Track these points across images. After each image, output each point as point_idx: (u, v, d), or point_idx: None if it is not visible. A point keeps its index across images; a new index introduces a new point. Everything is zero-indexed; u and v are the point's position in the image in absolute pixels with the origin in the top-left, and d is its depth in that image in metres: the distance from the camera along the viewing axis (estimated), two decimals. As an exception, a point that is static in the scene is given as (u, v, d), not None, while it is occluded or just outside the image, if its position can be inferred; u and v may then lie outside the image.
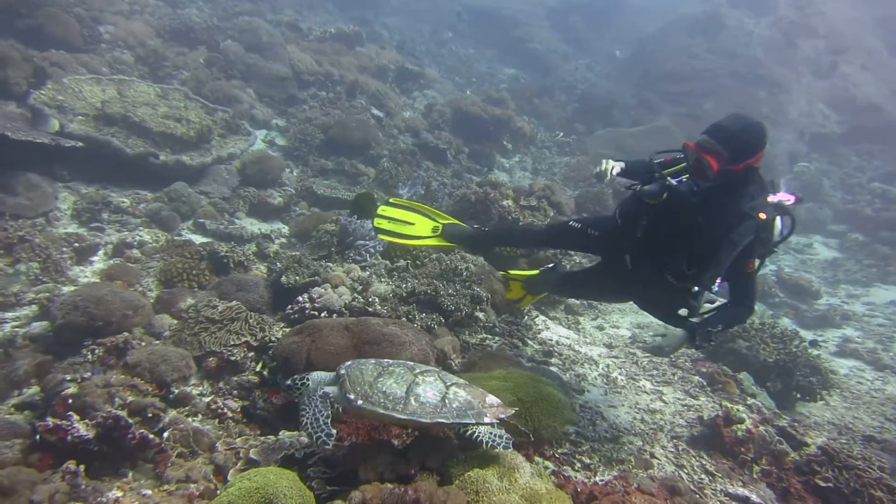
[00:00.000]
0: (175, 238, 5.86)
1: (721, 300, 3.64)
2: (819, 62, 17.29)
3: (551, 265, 5.19)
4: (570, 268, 6.38)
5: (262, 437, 3.38)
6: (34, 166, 5.76)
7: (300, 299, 4.55)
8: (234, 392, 3.80)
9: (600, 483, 3.50)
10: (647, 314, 4.48)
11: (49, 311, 4.07)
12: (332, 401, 2.86)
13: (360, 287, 4.84)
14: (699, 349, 3.51)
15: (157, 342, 4.09)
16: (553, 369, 5.03)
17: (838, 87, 16.61)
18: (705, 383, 5.42)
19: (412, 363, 3.09)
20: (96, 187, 6.29)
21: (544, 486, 2.84)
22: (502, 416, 2.89)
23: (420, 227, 5.23)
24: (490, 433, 2.83)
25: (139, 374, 3.59)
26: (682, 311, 3.66)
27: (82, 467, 2.77)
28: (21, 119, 6.19)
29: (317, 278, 4.80)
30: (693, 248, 3.49)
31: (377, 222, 5.25)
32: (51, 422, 2.92)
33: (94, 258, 5.27)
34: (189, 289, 4.89)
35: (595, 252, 4.63)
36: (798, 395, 5.74)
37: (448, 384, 2.89)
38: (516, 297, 5.44)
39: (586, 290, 5.12)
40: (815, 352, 6.28)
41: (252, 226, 6.76)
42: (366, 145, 9.12)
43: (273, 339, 4.15)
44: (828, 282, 10.64)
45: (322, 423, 2.76)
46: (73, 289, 4.50)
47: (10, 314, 4.29)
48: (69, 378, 3.49)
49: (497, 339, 5.18)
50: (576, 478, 3.60)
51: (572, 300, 6.72)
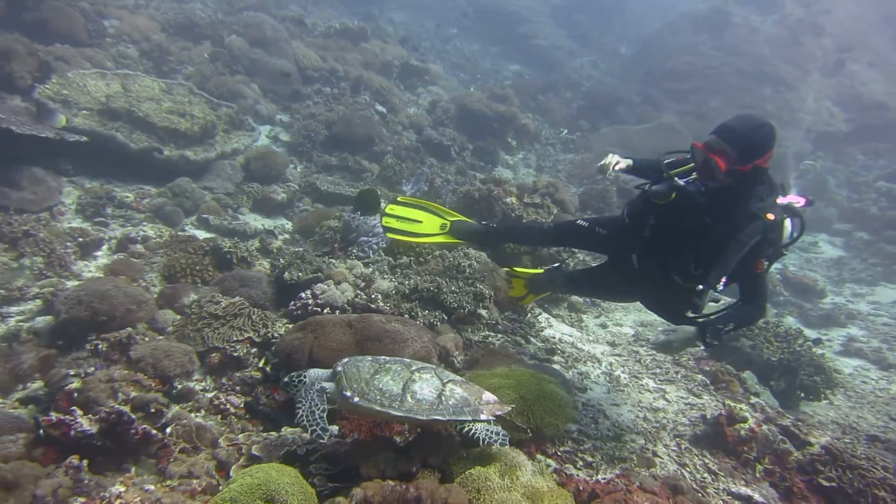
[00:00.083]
0: (179, 233, 5.87)
1: (725, 299, 3.62)
2: (825, 60, 17.17)
3: (556, 265, 5.17)
4: (574, 266, 6.36)
5: (265, 434, 3.38)
6: (39, 160, 5.76)
7: (303, 295, 4.55)
8: (237, 388, 3.81)
9: (602, 481, 3.49)
10: (652, 313, 4.47)
11: (53, 305, 4.08)
12: (330, 397, 2.86)
13: (363, 284, 4.83)
14: (708, 347, 3.48)
15: (161, 337, 4.09)
16: (556, 367, 5.02)
17: (845, 84, 16.49)
18: (708, 382, 5.40)
19: (409, 360, 3.08)
20: (100, 182, 6.31)
21: (546, 483, 2.84)
22: (499, 412, 2.89)
23: (428, 225, 5.22)
24: (487, 430, 2.82)
25: (142, 369, 3.60)
26: (689, 314, 3.64)
27: (85, 462, 2.78)
28: (26, 113, 6.20)
29: (320, 275, 4.80)
30: (700, 249, 3.47)
31: (385, 221, 5.24)
32: (54, 416, 2.93)
33: (98, 253, 5.29)
34: (192, 284, 4.90)
35: (601, 251, 4.61)
36: (802, 395, 5.72)
37: (445, 381, 2.89)
38: (519, 295, 5.43)
39: (591, 289, 5.10)
40: (820, 351, 6.26)
41: (255, 221, 6.77)
42: (370, 141, 9.12)
43: (276, 335, 4.15)
44: (833, 281, 10.59)
45: (318, 416, 2.76)
46: (77, 283, 4.51)
47: (14, 308, 4.30)
48: (73, 373, 3.50)
49: (500, 336, 5.17)
50: (578, 476, 3.59)
51: (575, 298, 6.71)
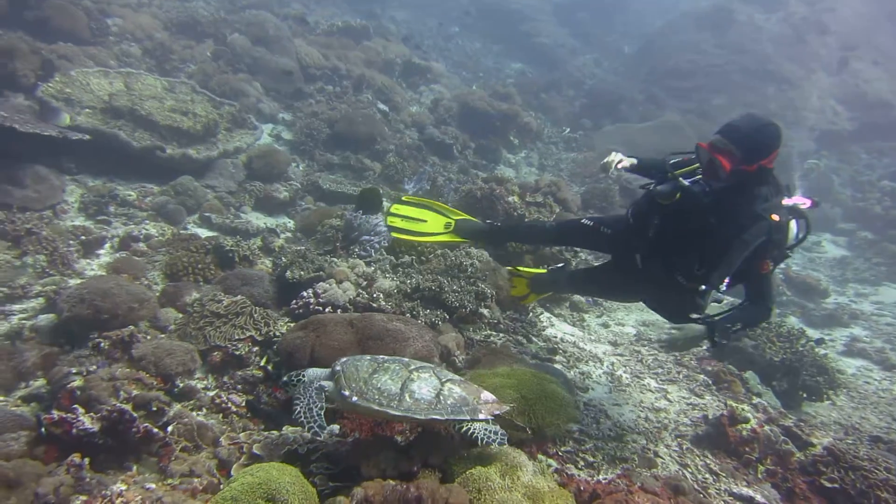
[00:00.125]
0: (181, 232, 5.88)
1: (728, 299, 3.62)
2: (829, 58, 17.10)
3: (560, 265, 5.15)
4: (576, 266, 6.35)
5: (266, 432, 3.39)
6: (42, 159, 5.77)
7: (305, 294, 4.56)
8: (239, 386, 3.81)
9: (603, 482, 3.49)
10: (654, 313, 4.46)
11: (56, 303, 4.08)
12: (328, 396, 2.86)
13: (365, 282, 4.83)
14: (716, 346, 3.48)
15: (163, 336, 4.10)
16: (557, 367, 5.02)
17: (849, 83, 16.42)
18: (710, 382, 5.40)
19: (407, 360, 3.08)
20: (103, 180, 6.31)
21: (547, 484, 2.84)
22: (497, 412, 2.88)
23: (433, 224, 5.22)
24: (485, 430, 2.82)
25: (144, 367, 3.61)
26: (691, 315, 3.64)
27: (87, 460, 2.78)
28: (29, 111, 6.20)
29: (322, 273, 4.80)
30: (704, 249, 3.47)
31: (390, 220, 5.24)
32: (56, 414, 2.93)
33: (101, 251, 5.29)
34: (194, 283, 4.90)
35: (605, 250, 4.61)
36: (804, 395, 5.71)
37: (443, 381, 2.89)
38: (521, 295, 5.43)
39: (595, 288, 5.10)
40: (822, 351, 6.24)
41: (258, 220, 6.77)
42: (372, 140, 9.12)
43: (277, 333, 4.16)
44: (836, 280, 10.57)
45: (315, 413, 2.77)
46: (79, 282, 4.52)
47: (17, 306, 4.31)
48: (75, 371, 3.51)
49: (501, 335, 5.17)
50: (579, 476, 3.59)
51: (578, 297, 6.70)
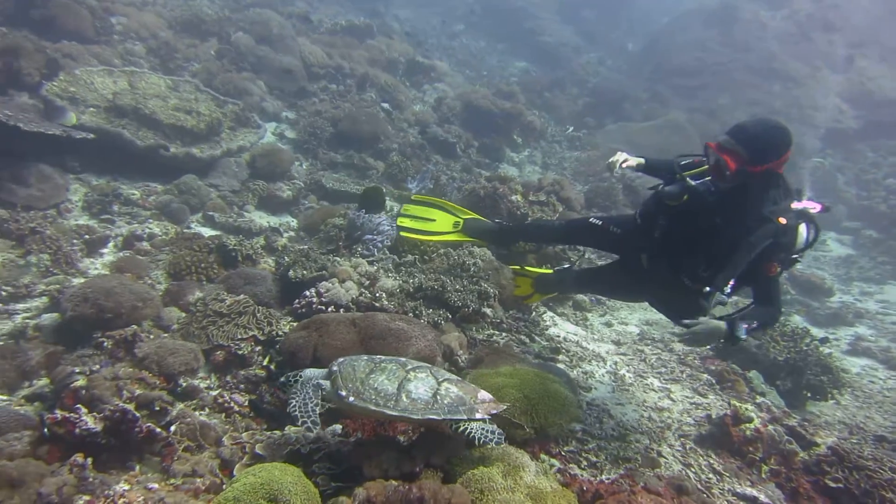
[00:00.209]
0: (184, 231, 5.88)
1: (731, 300, 3.60)
2: (835, 56, 17.00)
3: (566, 265, 5.14)
4: (580, 265, 6.33)
5: (269, 432, 3.39)
6: (46, 157, 5.78)
7: (307, 294, 4.55)
8: (242, 386, 3.81)
9: (606, 481, 3.48)
10: (659, 312, 4.45)
11: (59, 302, 4.09)
12: (325, 396, 2.87)
13: (368, 282, 4.83)
14: (736, 343, 3.45)
15: (166, 335, 4.11)
16: (560, 366, 5.01)
17: (854, 81, 16.30)
18: (714, 381, 5.39)
19: (405, 359, 3.08)
20: (107, 179, 6.32)
21: (549, 484, 2.83)
22: (494, 411, 2.88)
23: (442, 223, 5.22)
24: (482, 429, 2.82)
25: (147, 367, 3.61)
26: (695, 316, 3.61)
27: (90, 460, 2.78)
28: (34, 110, 6.22)
29: (324, 273, 4.79)
30: (711, 250, 3.46)
31: (400, 221, 5.25)
32: (59, 414, 2.94)
33: (104, 250, 5.30)
34: (197, 282, 4.91)
35: (612, 250, 4.60)
36: (808, 394, 5.69)
37: (440, 380, 2.88)
38: (524, 294, 5.41)
39: (600, 287, 5.09)
40: (827, 350, 6.21)
41: (261, 219, 6.77)
42: (375, 139, 9.12)
43: (280, 333, 4.15)
44: (841, 279, 10.53)
45: (310, 409, 2.78)
46: (83, 281, 4.53)
47: (21, 305, 4.32)
48: (78, 370, 3.52)
49: (504, 335, 5.16)
50: (582, 476, 3.58)
51: (581, 296, 6.68)
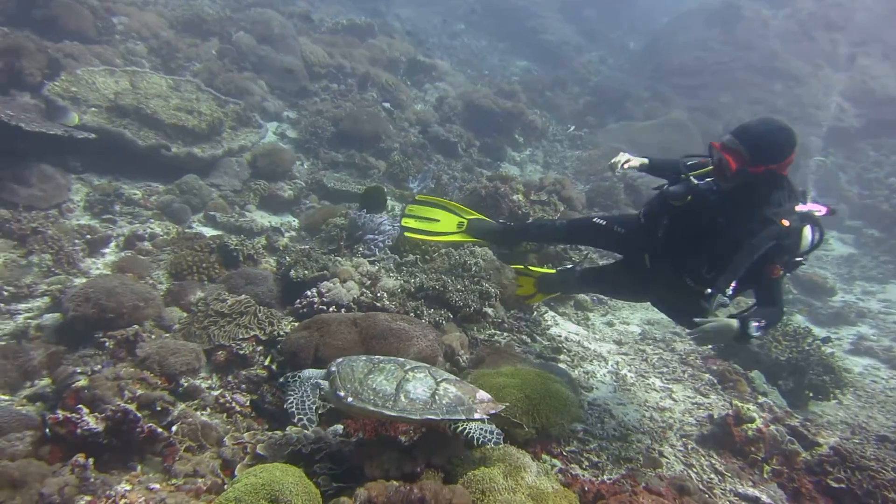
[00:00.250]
0: (186, 231, 5.89)
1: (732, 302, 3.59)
2: (837, 54, 16.96)
3: (570, 266, 5.12)
4: (583, 266, 6.32)
5: (270, 432, 3.39)
6: (47, 157, 5.79)
7: (309, 293, 4.55)
8: (243, 386, 3.81)
9: (608, 482, 3.48)
10: (661, 312, 4.44)
11: (61, 302, 4.10)
12: (324, 396, 2.87)
13: (369, 282, 4.83)
14: (747, 342, 3.44)
15: (167, 335, 4.11)
16: (562, 366, 5.01)
17: (856, 79, 16.26)
18: (716, 381, 5.38)
19: (403, 360, 3.07)
20: (108, 179, 6.33)
21: (551, 484, 2.83)
22: (493, 411, 2.87)
23: (445, 224, 5.20)
24: (480, 429, 2.82)
25: (149, 367, 3.61)
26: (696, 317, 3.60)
27: (91, 460, 2.79)
28: (35, 110, 6.23)
29: (326, 272, 4.79)
30: (713, 251, 3.45)
31: (405, 221, 5.24)
32: (61, 414, 2.94)
33: (106, 250, 5.31)
34: (199, 282, 4.91)
35: (615, 250, 4.59)
36: (810, 394, 5.68)
37: (438, 380, 2.88)
38: (526, 294, 5.40)
39: (603, 287, 5.07)
40: (829, 350, 6.20)
41: (262, 219, 6.77)
42: (376, 138, 9.12)
43: (281, 333, 4.15)
44: (843, 278, 10.51)
45: (307, 407, 2.79)
46: (84, 281, 4.53)
47: (22, 305, 4.33)
48: (80, 370, 3.52)
49: (505, 334, 5.16)
50: (583, 476, 3.58)
51: (582, 296, 6.67)
